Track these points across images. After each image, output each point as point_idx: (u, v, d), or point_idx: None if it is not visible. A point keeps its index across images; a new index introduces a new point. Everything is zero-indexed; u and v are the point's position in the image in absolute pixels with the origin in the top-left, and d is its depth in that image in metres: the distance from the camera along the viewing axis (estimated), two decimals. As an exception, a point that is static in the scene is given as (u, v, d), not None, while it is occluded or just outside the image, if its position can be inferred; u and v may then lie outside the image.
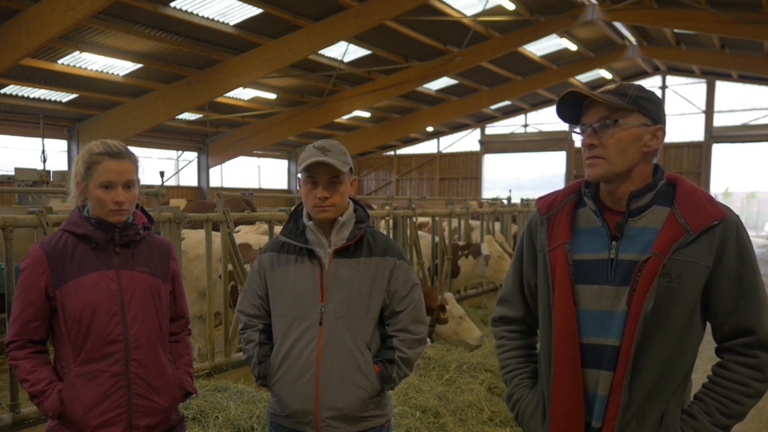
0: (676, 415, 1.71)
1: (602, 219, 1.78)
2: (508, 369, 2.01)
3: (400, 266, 2.28)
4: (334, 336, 2.19)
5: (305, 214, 2.29)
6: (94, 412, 2.09)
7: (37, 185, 11.38)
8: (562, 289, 1.77)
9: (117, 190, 2.11)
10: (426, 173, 30.63)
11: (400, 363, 2.25)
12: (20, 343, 2.11)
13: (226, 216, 4.78)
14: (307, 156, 2.19)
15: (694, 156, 25.23)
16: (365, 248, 2.26)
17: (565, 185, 1.96)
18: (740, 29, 15.63)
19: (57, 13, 10.95)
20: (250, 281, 2.37)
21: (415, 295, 2.31)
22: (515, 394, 1.96)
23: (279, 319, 2.27)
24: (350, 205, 2.31)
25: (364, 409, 2.21)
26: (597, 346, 1.74)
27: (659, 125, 1.76)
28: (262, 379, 2.30)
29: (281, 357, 2.24)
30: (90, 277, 2.11)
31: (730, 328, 1.71)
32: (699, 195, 1.73)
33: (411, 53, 18.51)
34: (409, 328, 2.27)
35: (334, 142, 2.27)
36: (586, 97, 1.76)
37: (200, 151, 24.40)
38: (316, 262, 2.24)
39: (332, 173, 2.19)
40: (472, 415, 4.34)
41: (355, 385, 2.19)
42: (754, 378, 1.68)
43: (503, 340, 2.04)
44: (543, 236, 1.86)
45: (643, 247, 1.71)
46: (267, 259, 2.33)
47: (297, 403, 2.20)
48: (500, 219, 10.11)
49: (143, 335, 2.17)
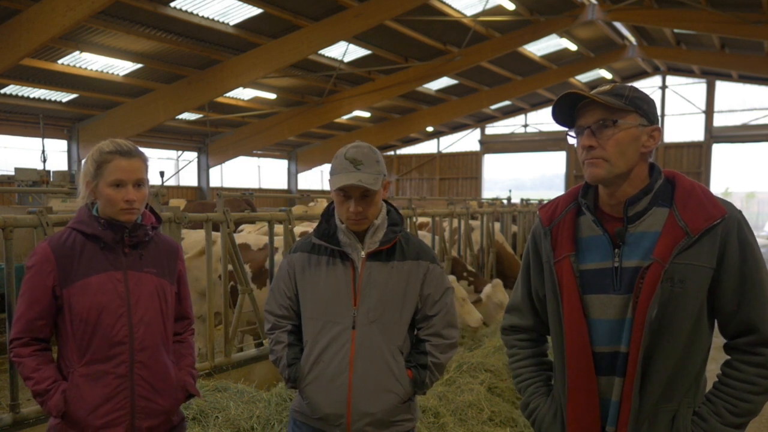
0: (687, 416, 1.71)
1: (602, 228, 1.78)
2: (522, 378, 2.00)
3: (433, 270, 2.26)
4: (367, 340, 2.17)
5: (337, 216, 2.25)
6: (98, 413, 2.08)
7: (37, 185, 11.40)
8: (571, 301, 1.77)
9: (127, 189, 2.10)
10: (426, 173, 30.63)
11: (433, 368, 2.23)
12: (25, 340, 2.10)
13: (226, 216, 4.77)
14: (339, 169, 2.13)
15: (694, 156, 25.22)
16: (398, 252, 2.23)
17: (565, 186, 1.96)
18: (740, 29, 15.63)
19: (57, 13, 10.95)
20: (279, 281, 2.33)
21: (448, 299, 2.29)
22: (532, 403, 1.95)
23: (310, 322, 2.24)
24: (383, 207, 2.27)
25: (396, 414, 2.20)
26: (610, 353, 1.74)
27: (656, 125, 1.76)
28: (292, 382, 2.26)
29: (312, 360, 2.20)
30: (98, 278, 2.10)
31: (735, 326, 1.71)
32: (698, 193, 1.72)
33: (411, 53, 18.51)
34: (442, 332, 2.25)
35: (365, 148, 2.17)
36: (580, 99, 1.75)
37: (200, 151, 24.39)
38: (349, 265, 2.21)
39: (366, 189, 2.13)
40: (472, 415, 4.34)
41: (388, 390, 2.17)
42: (761, 375, 1.67)
43: (515, 349, 2.03)
44: (548, 247, 1.85)
45: (645, 252, 1.70)
46: (298, 259, 2.29)
47: (329, 407, 2.17)
48: (500, 219, 10.11)
49: (148, 337, 2.16)
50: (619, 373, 1.72)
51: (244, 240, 5.90)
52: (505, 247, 9.12)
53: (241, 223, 6.58)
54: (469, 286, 7.73)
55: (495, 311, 7.38)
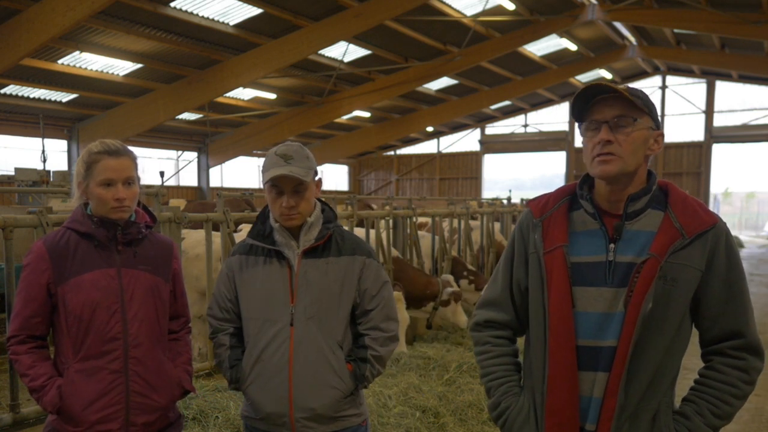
0: (668, 415, 1.73)
1: (601, 222, 1.79)
2: (494, 376, 1.94)
3: (370, 264, 2.28)
4: (305, 337, 2.18)
5: (272, 215, 2.27)
6: (93, 408, 2.11)
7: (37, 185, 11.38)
8: (559, 291, 1.77)
9: (117, 188, 2.13)
10: (426, 173, 30.63)
11: (373, 361, 2.25)
12: (21, 338, 2.14)
13: (226, 216, 4.78)
14: (270, 165, 2.17)
15: (694, 156, 25.23)
16: (334, 248, 2.26)
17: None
18: (740, 29, 15.63)
19: (57, 13, 10.95)
20: (220, 285, 2.36)
21: (386, 292, 2.30)
22: (503, 402, 1.90)
23: (249, 322, 2.26)
24: (317, 205, 2.30)
25: (339, 408, 2.21)
26: (593, 348, 1.75)
27: (661, 131, 1.79)
28: (235, 383, 2.29)
29: (253, 360, 2.23)
30: (91, 274, 2.13)
31: (718, 331, 1.75)
32: (691, 201, 1.78)
33: (411, 53, 18.51)
34: (381, 325, 2.27)
35: (296, 146, 2.22)
36: (595, 94, 1.75)
37: (200, 151, 24.39)
38: (285, 264, 2.23)
39: (297, 181, 2.17)
40: (472, 415, 4.35)
41: (328, 385, 2.19)
42: (742, 380, 1.72)
43: (488, 345, 1.97)
44: (537, 239, 1.84)
45: (640, 249, 1.73)
46: (235, 262, 2.32)
47: (271, 406, 2.19)
48: (500, 219, 10.12)
49: (143, 333, 2.18)
50: (602, 368, 1.72)
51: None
52: (504, 246, 9.11)
53: (241, 222, 6.58)
54: (469, 285, 7.74)
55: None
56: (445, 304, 6.73)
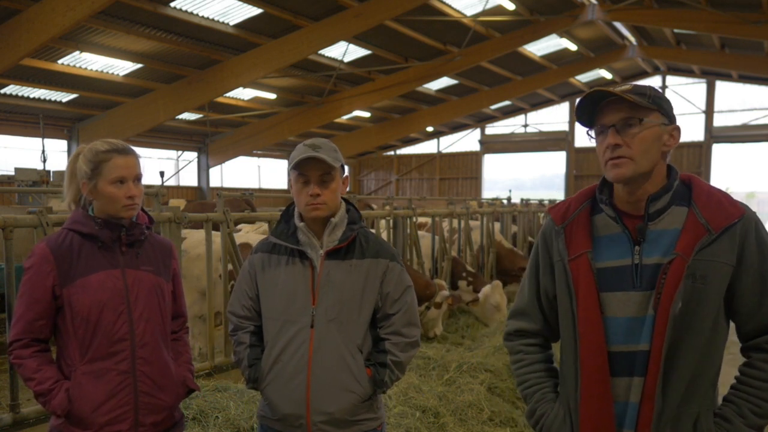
0: (709, 418, 1.69)
1: (623, 225, 1.77)
2: (528, 384, 1.95)
3: (393, 268, 2.25)
4: (325, 339, 2.16)
5: (297, 214, 2.26)
6: (102, 410, 2.10)
7: (37, 185, 11.39)
8: (587, 298, 1.75)
9: (128, 185, 2.15)
10: (426, 173, 30.62)
11: (393, 367, 2.22)
12: (25, 341, 2.11)
13: (226, 216, 4.78)
14: (298, 153, 2.17)
15: (694, 156, 25.23)
16: (357, 250, 2.23)
17: (565, 186, 1.95)
18: (740, 29, 15.62)
19: (57, 13, 10.95)
20: (241, 282, 2.34)
21: (408, 297, 2.28)
22: (539, 409, 1.90)
23: (269, 322, 2.25)
24: (342, 205, 2.28)
25: (356, 413, 2.19)
26: (626, 353, 1.72)
27: (675, 124, 1.77)
28: (253, 383, 2.27)
29: (272, 360, 2.21)
30: (97, 275, 2.13)
31: (755, 325, 1.70)
32: (716, 193, 1.73)
33: (411, 53, 18.50)
34: (402, 330, 2.24)
35: (325, 140, 2.23)
36: (602, 97, 1.75)
37: (200, 151, 24.39)
38: (308, 264, 2.22)
39: (324, 170, 2.16)
40: (472, 415, 4.34)
41: (346, 389, 2.16)
42: None
43: (521, 354, 1.99)
44: (561, 246, 1.83)
45: (666, 249, 1.70)
46: (258, 260, 2.30)
47: (288, 407, 2.17)
48: (500, 219, 10.11)
49: (149, 333, 2.19)
50: (638, 373, 1.70)
51: (245, 240, 5.91)
52: (502, 244, 9.12)
53: (241, 222, 6.58)
54: (468, 286, 7.73)
55: (491, 312, 7.41)
56: (437, 306, 6.71)
